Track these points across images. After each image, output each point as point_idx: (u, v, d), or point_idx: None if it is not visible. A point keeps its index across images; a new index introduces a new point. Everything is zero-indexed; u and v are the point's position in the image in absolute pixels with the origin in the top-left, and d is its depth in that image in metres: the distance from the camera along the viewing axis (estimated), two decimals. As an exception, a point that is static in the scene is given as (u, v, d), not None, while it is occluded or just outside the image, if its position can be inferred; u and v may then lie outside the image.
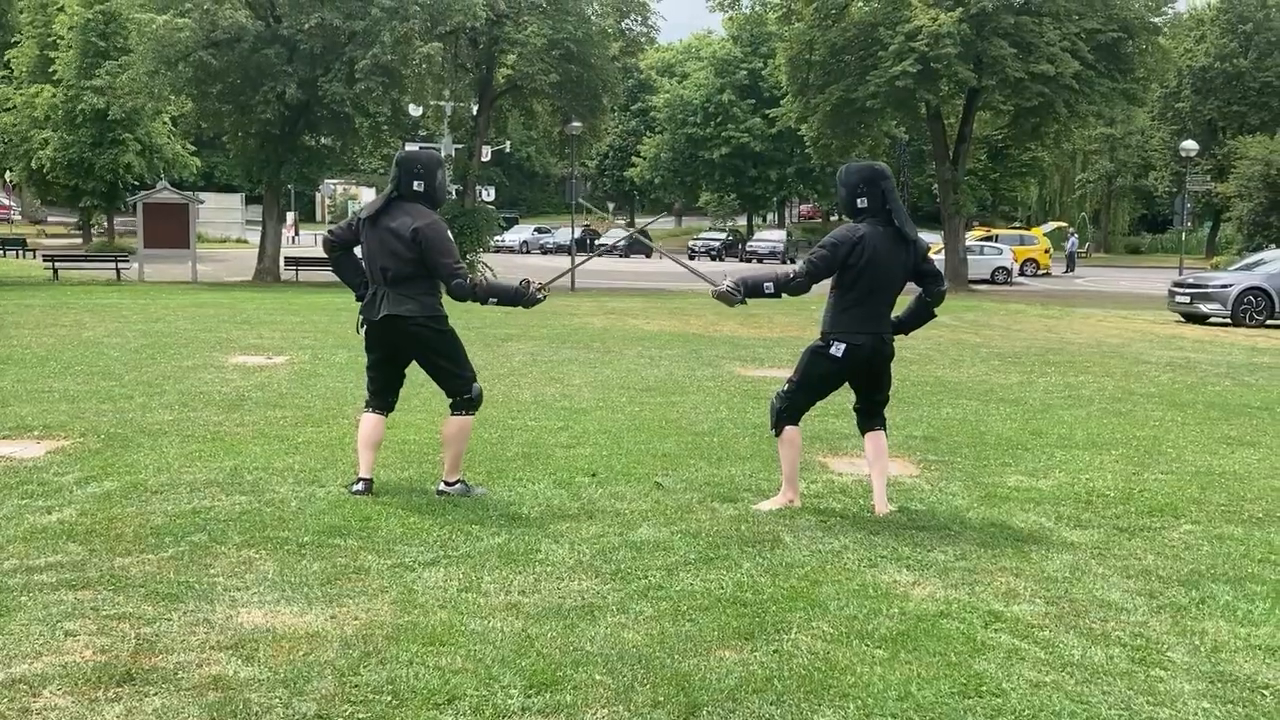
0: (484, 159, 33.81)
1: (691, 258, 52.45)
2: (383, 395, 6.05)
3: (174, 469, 6.46)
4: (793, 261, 51.66)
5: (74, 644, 3.82)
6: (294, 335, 14.59)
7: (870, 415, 5.97)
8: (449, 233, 5.94)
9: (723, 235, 57.99)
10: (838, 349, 5.69)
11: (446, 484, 6.01)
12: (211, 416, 8.30)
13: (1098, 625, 4.26)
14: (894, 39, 29.86)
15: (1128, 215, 71.12)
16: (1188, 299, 22.40)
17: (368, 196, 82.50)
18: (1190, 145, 36.89)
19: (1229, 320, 21.43)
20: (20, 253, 41.42)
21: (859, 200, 5.70)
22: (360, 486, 5.90)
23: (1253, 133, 48.46)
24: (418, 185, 5.80)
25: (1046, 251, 46.20)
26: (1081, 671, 3.81)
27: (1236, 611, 4.46)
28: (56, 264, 28.26)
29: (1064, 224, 61.46)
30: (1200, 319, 22.07)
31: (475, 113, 34.08)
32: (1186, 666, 3.89)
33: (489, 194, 34.51)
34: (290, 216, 59.36)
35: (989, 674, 3.75)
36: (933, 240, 43.68)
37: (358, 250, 5.99)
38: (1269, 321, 21.37)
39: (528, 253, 57.54)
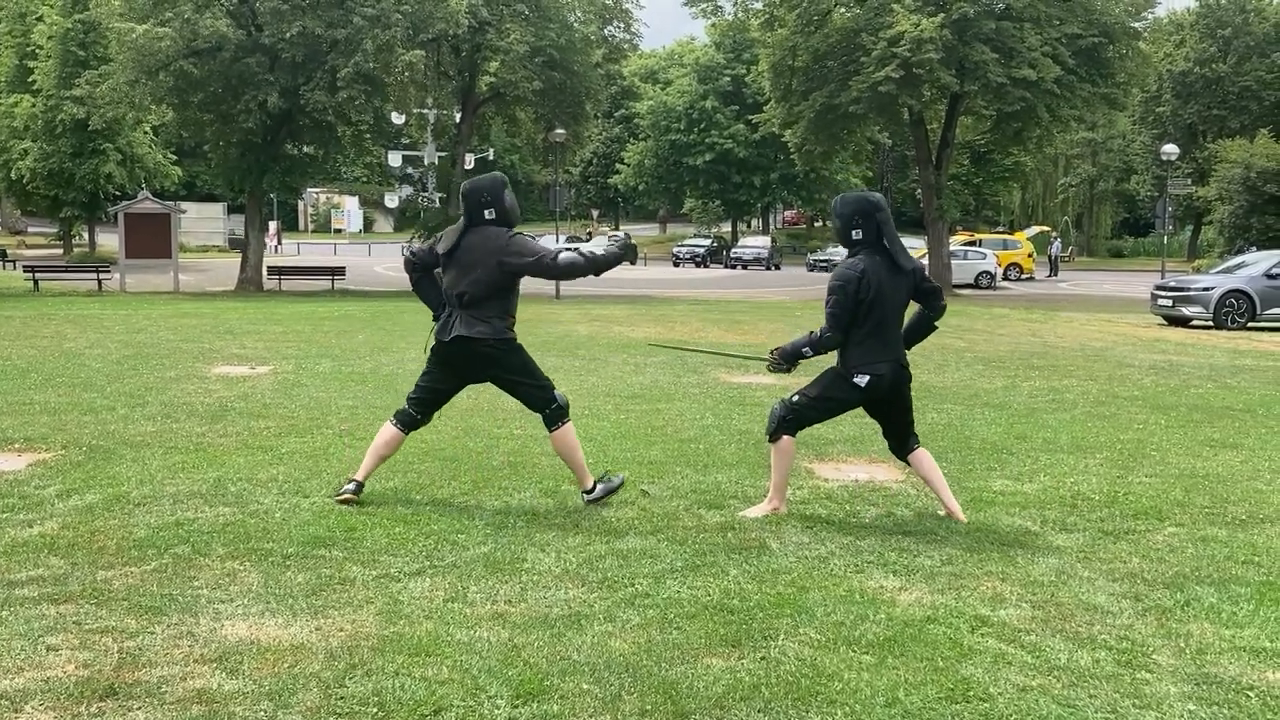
0: (467, 166, 33.81)
1: (676, 264, 52.60)
2: (418, 409, 6.00)
3: (157, 481, 6.42)
4: (778, 267, 51.99)
5: (56, 659, 3.78)
6: (277, 345, 14.53)
7: (904, 438, 5.98)
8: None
9: (707, 242, 58.01)
10: (861, 379, 5.71)
11: (586, 494, 6.03)
12: (194, 427, 8.25)
13: (1084, 629, 4.27)
14: (876, 45, 29.98)
15: (1110, 219, 71.70)
16: (1170, 302, 22.53)
17: (350, 205, 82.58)
18: (1171, 149, 37.08)
19: (1211, 323, 21.55)
20: (0, 264, 41.22)
21: (854, 232, 5.70)
22: (352, 486, 5.90)
23: (1232, 136, 48.94)
24: (489, 213, 5.85)
25: (1030, 256, 46.46)
26: (1068, 675, 3.81)
27: (1221, 613, 4.47)
28: (37, 274, 28.12)
29: (1047, 228, 61.83)
30: (1183, 322, 22.20)
31: (458, 120, 34.13)
32: (1172, 669, 3.90)
33: (473, 202, 34.47)
34: (273, 225, 59.29)
35: (976, 679, 3.75)
36: (916, 245, 43.94)
37: (438, 272, 6.04)
38: (1250, 324, 21.52)
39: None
